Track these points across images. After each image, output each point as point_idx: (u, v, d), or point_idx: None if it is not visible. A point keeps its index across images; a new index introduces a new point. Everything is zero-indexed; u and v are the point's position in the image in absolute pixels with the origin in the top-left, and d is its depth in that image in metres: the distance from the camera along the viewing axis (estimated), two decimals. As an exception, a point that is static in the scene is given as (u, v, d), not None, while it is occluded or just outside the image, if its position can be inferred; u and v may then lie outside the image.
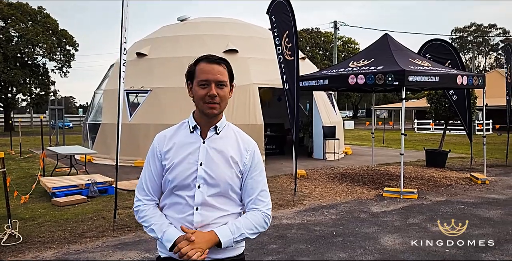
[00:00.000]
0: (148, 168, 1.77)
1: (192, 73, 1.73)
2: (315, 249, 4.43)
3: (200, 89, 1.68)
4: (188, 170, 1.69)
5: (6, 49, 31.52)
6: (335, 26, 28.79)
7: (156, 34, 13.55)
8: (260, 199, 1.76)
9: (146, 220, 1.72)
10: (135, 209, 1.77)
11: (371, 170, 10.11)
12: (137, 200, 1.78)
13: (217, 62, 1.71)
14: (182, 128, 1.79)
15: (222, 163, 1.71)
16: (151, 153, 1.77)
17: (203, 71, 1.68)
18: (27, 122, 42.71)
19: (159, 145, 1.76)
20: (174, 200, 1.72)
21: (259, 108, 10.86)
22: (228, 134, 1.78)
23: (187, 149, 1.72)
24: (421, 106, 28.21)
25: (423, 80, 6.95)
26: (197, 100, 1.70)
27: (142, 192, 1.78)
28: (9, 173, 9.79)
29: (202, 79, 1.67)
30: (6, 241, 4.64)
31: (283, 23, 7.06)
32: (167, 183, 1.73)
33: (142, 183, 1.78)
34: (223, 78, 1.69)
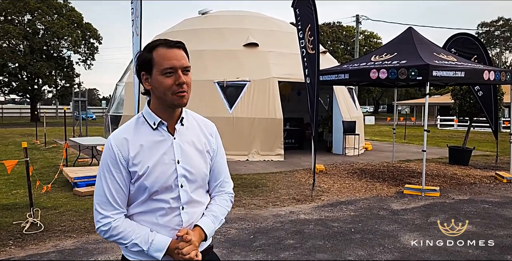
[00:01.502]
0: (111, 178, 1.51)
1: (149, 61, 1.50)
2: (333, 246, 4.38)
3: (165, 78, 1.48)
4: (167, 172, 1.54)
5: (32, 41, 32.27)
6: (357, 20, 28.34)
7: (178, 27, 13.60)
8: (226, 181, 1.77)
9: (124, 237, 1.50)
10: (103, 228, 1.50)
11: (392, 166, 9.94)
12: (103, 217, 1.50)
13: (177, 46, 1.53)
14: (140, 124, 1.57)
15: (196, 155, 1.62)
16: (111, 161, 1.51)
17: (166, 58, 1.48)
18: (52, 113, 43.77)
19: (120, 150, 1.51)
20: (154, 206, 1.54)
21: (278, 102, 10.80)
22: (191, 123, 1.66)
23: (159, 149, 1.55)
24: (445, 102, 27.60)
25: (447, 75, 6.76)
26: (161, 92, 1.50)
27: (109, 207, 1.51)
28: (34, 162, 10.03)
29: (167, 67, 1.47)
30: (28, 229, 4.75)
31: (306, 16, 6.98)
32: (143, 190, 1.52)
33: (106, 196, 1.51)
34: (187, 63, 1.53)
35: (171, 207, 1.55)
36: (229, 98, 10.86)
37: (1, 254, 4.08)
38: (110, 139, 1.55)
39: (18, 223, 4.99)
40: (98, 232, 1.53)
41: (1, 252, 4.11)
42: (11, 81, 33.94)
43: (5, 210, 5.61)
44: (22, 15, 33.26)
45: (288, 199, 6.47)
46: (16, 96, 39.24)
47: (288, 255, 4.10)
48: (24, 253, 4.09)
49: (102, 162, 1.55)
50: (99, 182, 1.53)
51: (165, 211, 1.55)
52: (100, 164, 1.56)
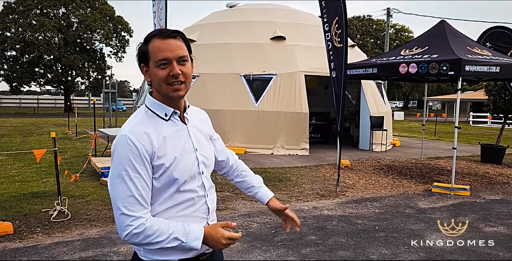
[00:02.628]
0: (137, 176, 1.41)
1: (145, 53, 1.47)
2: (356, 243, 4.30)
3: (159, 70, 1.44)
4: (190, 160, 1.53)
5: (66, 34, 33.17)
6: (388, 13, 27.65)
7: (205, 21, 13.63)
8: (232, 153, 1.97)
9: (161, 234, 1.40)
10: (136, 230, 1.38)
11: (420, 163, 9.69)
12: (135, 219, 1.39)
13: (172, 36, 1.46)
14: (151, 118, 1.50)
15: (206, 141, 1.67)
16: (134, 157, 1.40)
17: (160, 49, 1.44)
18: (85, 104, 45.01)
19: (144, 145, 1.42)
20: (181, 198, 1.51)
21: (304, 96, 10.68)
22: (191, 111, 1.66)
23: (180, 139, 1.52)
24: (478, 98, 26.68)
25: (481, 70, 6.49)
26: (158, 84, 1.47)
27: (139, 207, 1.40)
28: (65, 152, 10.33)
29: (160, 58, 1.43)
30: (55, 217, 4.88)
31: (333, 8, 6.82)
32: (171, 183, 1.47)
33: (134, 196, 1.40)
34: (184, 53, 1.46)
35: (199, 196, 1.55)
36: (255, 91, 10.83)
37: (29, 240, 4.21)
38: (126, 134, 1.42)
39: (46, 210, 5.14)
40: (127, 239, 1.39)
41: (29, 239, 4.25)
42: (46, 73, 35.06)
43: (35, 197, 5.79)
44: (57, 9, 34.18)
45: (312, 194, 6.41)
46: (51, 87, 40.49)
47: (310, 252, 4.05)
48: (50, 241, 4.20)
49: (120, 160, 1.41)
50: (122, 183, 1.39)
51: (193, 201, 1.53)
52: (116, 163, 1.42)
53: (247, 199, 5.95)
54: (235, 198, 6.02)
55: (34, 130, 17.04)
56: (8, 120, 24.08)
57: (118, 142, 1.44)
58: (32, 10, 33.05)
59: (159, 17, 7.61)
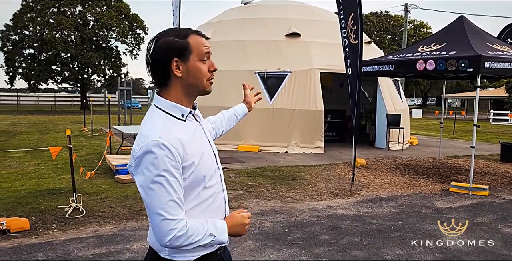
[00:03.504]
0: (174, 179, 1.40)
1: (185, 48, 1.46)
2: (370, 243, 4.23)
3: (202, 64, 1.49)
4: (211, 156, 1.58)
5: (83, 32, 33.61)
6: (406, 8, 27.23)
7: (220, 18, 13.60)
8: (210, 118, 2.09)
9: (199, 233, 1.43)
10: (180, 233, 1.40)
11: (438, 162, 9.51)
12: (178, 221, 1.40)
13: (203, 35, 1.55)
14: (169, 120, 1.48)
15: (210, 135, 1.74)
16: (170, 162, 1.39)
17: (203, 44, 1.49)
18: (101, 101, 45.54)
19: (177, 148, 1.41)
20: (207, 194, 1.53)
21: (319, 93, 10.58)
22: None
23: (199, 136, 1.56)
24: (499, 95, 26.13)
25: (502, 67, 6.31)
26: (199, 79, 1.49)
27: (179, 210, 1.42)
28: (80, 149, 10.46)
29: (206, 52, 1.50)
30: (70, 214, 4.93)
31: (349, 5, 6.72)
32: (200, 180, 1.49)
33: (175, 201, 1.40)
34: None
35: (219, 190, 1.60)
36: (270, 89, 10.77)
37: (45, 236, 4.25)
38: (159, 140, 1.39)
39: (62, 207, 5.19)
40: (170, 243, 1.39)
41: (44, 235, 4.29)
42: (63, 71, 35.58)
43: (51, 194, 5.86)
44: (73, 7, 34.65)
45: (326, 193, 6.34)
46: (68, 85, 41.11)
47: (323, 251, 4.00)
48: (65, 237, 4.24)
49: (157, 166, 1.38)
50: (161, 188, 1.38)
51: (216, 196, 1.57)
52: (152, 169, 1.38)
53: (260, 198, 5.92)
54: (249, 196, 6.00)
55: (51, 128, 17.30)
56: (26, 117, 24.53)
57: (150, 148, 1.39)
58: (50, 8, 33.58)
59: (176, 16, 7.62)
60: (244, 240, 4.19)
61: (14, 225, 4.34)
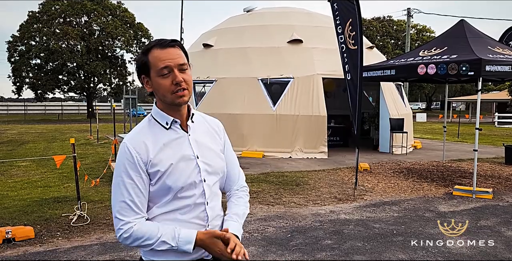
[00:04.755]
0: (130, 182, 1.48)
1: (145, 64, 1.51)
2: (372, 248, 4.24)
3: (162, 79, 1.48)
4: (190, 167, 1.54)
5: (89, 42, 33.94)
6: (408, 13, 27.26)
7: (223, 25, 13.73)
8: (239, 175, 1.80)
9: (149, 237, 1.46)
10: (125, 235, 1.46)
11: (442, 166, 9.48)
12: (124, 223, 1.46)
13: (171, 45, 1.51)
14: (152, 126, 1.57)
15: (211, 149, 1.65)
16: (130, 165, 1.47)
17: (160, 58, 1.48)
18: (108, 110, 45.84)
19: (139, 153, 1.49)
20: (179, 204, 1.53)
21: (322, 99, 10.62)
22: (198, 120, 1.68)
23: (178, 146, 1.55)
24: (503, 98, 26.00)
25: (503, 70, 6.32)
26: (163, 94, 1.50)
27: (130, 213, 1.47)
28: (86, 157, 10.55)
29: (162, 67, 1.47)
30: (75, 222, 4.98)
31: (346, 10, 6.77)
32: (166, 190, 1.51)
33: (126, 202, 1.47)
34: (183, 61, 1.51)
35: (196, 203, 1.56)
36: (273, 95, 10.83)
37: (49, 244, 4.31)
38: (125, 142, 1.51)
39: (66, 215, 5.25)
40: (121, 241, 1.49)
41: (49, 243, 4.35)
42: (70, 80, 35.89)
43: (56, 202, 5.93)
44: (79, 17, 35.03)
45: (329, 198, 6.35)
46: (74, 94, 41.42)
47: (325, 256, 4.01)
48: (70, 245, 4.29)
49: (118, 167, 1.51)
50: (117, 189, 1.49)
51: (191, 207, 1.55)
52: (116, 169, 1.52)
53: (263, 203, 5.95)
54: (252, 202, 6.02)
55: (58, 136, 17.46)
56: (33, 127, 24.76)
57: (119, 150, 1.53)
58: (56, 19, 33.98)
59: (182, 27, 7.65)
60: (246, 246, 4.20)
61: (20, 233, 4.39)
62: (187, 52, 1.57)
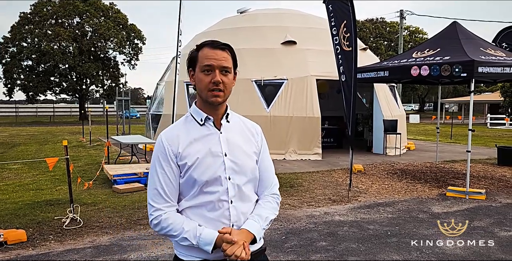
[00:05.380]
0: (162, 172, 1.60)
1: (194, 59, 1.63)
2: (367, 249, 4.23)
3: (203, 75, 1.59)
4: (216, 163, 1.61)
5: (81, 43, 33.77)
6: (401, 15, 27.43)
7: (216, 27, 13.71)
8: (270, 181, 1.79)
9: (173, 229, 1.56)
10: (155, 221, 1.58)
11: (435, 167, 9.53)
12: (155, 210, 1.59)
13: (221, 47, 1.61)
14: (188, 122, 1.68)
15: (243, 149, 1.68)
16: (162, 156, 1.61)
17: (206, 57, 1.59)
18: (100, 112, 45.59)
19: (170, 145, 1.61)
20: (204, 199, 1.60)
21: (316, 100, 10.64)
22: (236, 120, 1.74)
23: (207, 142, 1.63)
24: (495, 99, 26.22)
25: (495, 71, 6.37)
26: (200, 88, 1.61)
27: (161, 200, 1.60)
28: (78, 159, 10.47)
29: (206, 64, 1.58)
30: (68, 225, 4.93)
31: (341, 12, 6.78)
32: (192, 182, 1.59)
33: (157, 190, 1.60)
34: (227, 64, 1.60)
35: (220, 200, 1.60)
36: (267, 96, 10.82)
37: (42, 248, 4.25)
38: (161, 135, 1.64)
39: (59, 218, 5.20)
40: (151, 227, 1.61)
41: (41, 246, 4.29)
42: (62, 82, 35.67)
43: (48, 205, 5.86)
44: (71, 18, 34.85)
45: (324, 199, 6.35)
46: (66, 95, 41.18)
47: (320, 257, 4.00)
48: (62, 248, 4.24)
49: (153, 157, 1.64)
50: (152, 177, 1.62)
51: (214, 204, 1.60)
52: (152, 159, 1.65)
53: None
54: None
55: (50, 138, 17.32)
56: (24, 129, 24.54)
57: (156, 142, 1.66)
58: (48, 20, 33.77)
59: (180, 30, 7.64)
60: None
61: (12, 237, 4.34)
62: (236, 59, 1.66)
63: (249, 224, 1.63)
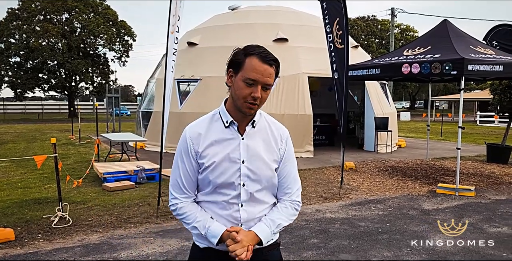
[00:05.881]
0: (182, 165, 1.69)
1: (240, 64, 1.59)
2: (358, 246, 4.24)
3: (245, 86, 1.57)
4: (231, 169, 1.63)
5: (70, 39, 33.36)
6: (392, 13, 27.54)
7: (207, 24, 13.63)
8: (290, 188, 1.77)
9: (187, 217, 1.67)
10: (172, 207, 1.73)
11: (425, 164, 9.60)
12: (173, 198, 1.72)
13: (270, 63, 1.58)
14: (215, 121, 1.68)
15: (262, 157, 1.67)
16: (184, 151, 1.67)
17: (254, 70, 1.55)
18: (90, 109, 45.20)
19: (193, 143, 1.66)
20: (217, 198, 1.67)
21: (308, 98, 10.63)
22: (263, 126, 1.73)
23: (227, 147, 1.64)
24: (485, 97, 26.44)
25: (485, 69, 6.41)
26: (237, 96, 1.59)
27: (179, 191, 1.71)
28: (68, 157, 10.36)
29: (251, 78, 1.55)
30: (56, 223, 4.87)
31: (334, 10, 6.77)
32: (207, 182, 1.66)
33: (177, 181, 1.71)
34: (271, 82, 1.59)
35: (230, 203, 1.65)
36: (258, 94, 10.77)
37: (30, 247, 4.19)
38: (186, 130, 1.69)
39: (48, 217, 5.13)
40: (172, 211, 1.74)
41: (30, 245, 4.23)
42: (50, 78, 35.24)
43: (36, 204, 5.79)
44: (60, 14, 34.41)
45: (315, 197, 6.35)
46: (55, 92, 40.73)
47: (311, 255, 4.00)
48: (51, 247, 4.18)
49: (177, 150, 1.71)
50: (174, 168, 1.71)
51: (226, 204, 1.66)
52: (176, 151, 1.72)
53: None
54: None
55: (38, 136, 17.11)
56: (12, 126, 24.23)
57: (181, 135, 1.70)
58: (36, 16, 33.31)
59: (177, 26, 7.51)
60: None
61: (-1, 235, 4.27)
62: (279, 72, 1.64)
63: (259, 227, 1.66)
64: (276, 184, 1.74)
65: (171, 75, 5.53)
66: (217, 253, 1.66)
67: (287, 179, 1.75)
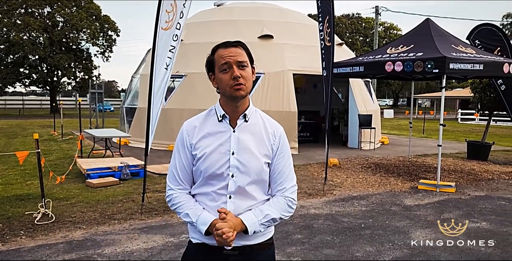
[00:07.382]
0: (178, 157, 1.75)
1: (211, 62, 1.70)
2: (341, 241, 4.31)
3: (223, 74, 1.64)
4: (221, 160, 1.67)
5: (52, 34, 32.73)
6: (377, 11, 27.81)
7: (193, 19, 13.52)
8: (284, 183, 1.77)
9: (180, 206, 1.72)
10: (168, 198, 1.78)
11: (408, 161, 9.76)
12: (170, 189, 1.79)
13: (234, 45, 1.67)
14: (211, 115, 1.76)
15: (253, 150, 1.70)
16: (181, 142, 1.75)
17: (221, 56, 1.65)
18: (72, 105, 44.51)
19: (189, 135, 1.73)
20: (207, 189, 1.71)
21: (293, 95, 10.68)
22: (256, 121, 1.76)
23: (218, 139, 1.70)
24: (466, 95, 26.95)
25: (465, 68, 6.54)
26: (222, 88, 1.67)
27: (174, 182, 1.77)
28: (50, 153, 10.21)
29: (223, 63, 1.64)
30: (39, 220, 4.81)
31: (325, 8, 6.84)
32: (199, 173, 1.71)
33: (173, 172, 1.78)
34: (242, 58, 1.65)
35: (219, 193, 1.69)
36: (243, 90, 10.78)
37: (12, 244, 4.14)
38: (184, 124, 1.77)
39: (30, 213, 5.06)
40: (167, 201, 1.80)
41: (12, 242, 4.18)
42: (32, 73, 34.57)
43: (18, 200, 5.70)
44: (42, 8, 33.71)
45: (299, 193, 6.41)
46: (36, 88, 39.98)
47: (295, 250, 4.05)
48: (34, 244, 4.14)
49: (176, 142, 1.79)
50: (172, 160, 1.78)
51: (215, 195, 1.69)
52: (175, 144, 1.80)
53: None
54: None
55: (19, 132, 16.81)
56: (-7, 122, 23.72)
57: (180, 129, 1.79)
58: (17, 9, 32.55)
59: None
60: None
61: (-20, 232, 4.20)
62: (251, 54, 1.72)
63: (246, 215, 1.67)
64: (267, 180, 1.75)
65: (164, 72, 5.51)
66: (209, 248, 1.69)
67: (281, 175, 1.76)
